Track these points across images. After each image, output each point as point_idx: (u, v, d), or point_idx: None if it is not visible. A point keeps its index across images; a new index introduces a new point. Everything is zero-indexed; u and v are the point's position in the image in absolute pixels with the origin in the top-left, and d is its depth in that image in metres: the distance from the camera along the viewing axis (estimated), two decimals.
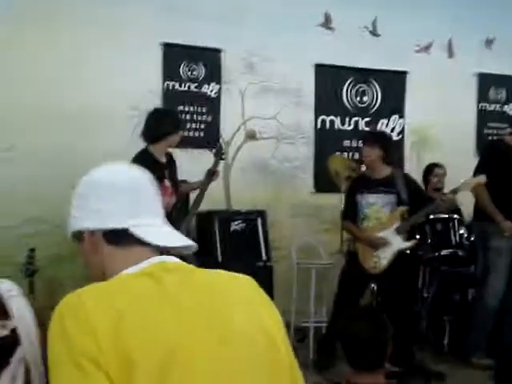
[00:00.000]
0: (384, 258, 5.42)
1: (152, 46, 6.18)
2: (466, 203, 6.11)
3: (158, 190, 1.66)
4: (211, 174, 5.18)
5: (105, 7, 5.93)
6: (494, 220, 5.54)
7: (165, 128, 4.93)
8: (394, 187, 5.47)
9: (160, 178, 4.90)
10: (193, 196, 5.38)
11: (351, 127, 7.12)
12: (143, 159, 4.68)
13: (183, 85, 6.38)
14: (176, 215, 5.06)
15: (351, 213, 5.58)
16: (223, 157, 5.39)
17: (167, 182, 4.95)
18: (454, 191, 5.44)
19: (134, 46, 6.04)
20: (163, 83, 6.31)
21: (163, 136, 4.92)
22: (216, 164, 5.23)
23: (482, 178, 5.39)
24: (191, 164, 5.85)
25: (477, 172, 5.61)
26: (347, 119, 7.11)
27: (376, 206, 5.48)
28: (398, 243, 5.45)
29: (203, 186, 5.18)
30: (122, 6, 5.99)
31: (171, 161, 5.12)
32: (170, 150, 5.14)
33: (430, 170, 6.68)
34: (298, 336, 6.11)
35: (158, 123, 4.95)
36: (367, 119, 7.19)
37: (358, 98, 7.16)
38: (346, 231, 5.67)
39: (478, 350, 5.58)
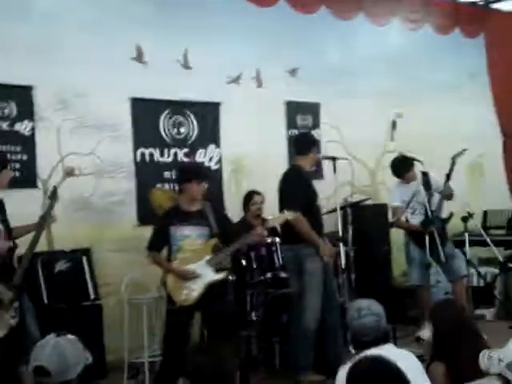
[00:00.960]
0: (194, 289, 5.40)
1: None
2: None
3: None
4: (47, 217, 5.02)
5: None
6: (306, 243, 5.80)
7: None
8: (206, 219, 5.56)
9: None
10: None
11: (170, 159, 7.20)
12: None
13: None
14: (10, 260, 4.85)
15: (158, 244, 5.50)
16: (56, 198, 5.20)
17: (0, 226, 4.74)
18: (265, 225, 5.66)
19: None
20: None
21: None
22: (51, 206, 5.06)
23: (290, 215, 5.61)
24: (12, 204, 5.59)
25: (286, 198, 5.88)
26: (166, 151, 7.18)
27: (190, 238, 5.50)
28: (209, 275, 5.49)
29: (39, 228, 5.00)
30: None
31: (1, 204, 4.91)
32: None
33: (249, 197, 6.92)
34: (131, 373, 6.04)
35: None
36: (186, 150, 7.31)
37: (176, 130, 7.26)
38: (152, 263, 5.57)
39: (305, 368, 5.81)
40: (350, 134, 8.38)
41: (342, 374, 2.99)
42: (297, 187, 5.92)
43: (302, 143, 6.23)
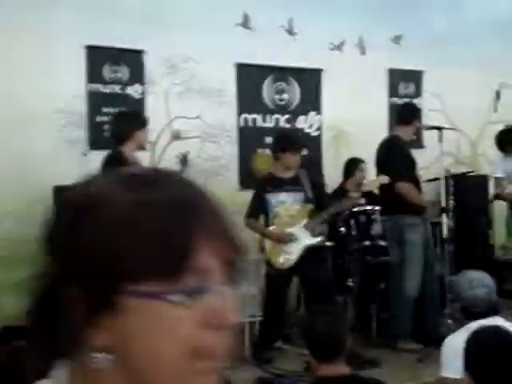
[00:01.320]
0: (292, 253, 5.57)
1: (75, 48, 6.13)
2: None
3: None
4: None
5: (27, 10, 5.84)
6: (408, 212, 5.81)
7: (130, 126, 4.97)
8: (302, 185, 5.66)
9: None
10: None
11: (272, 124, 7.30)
12: (114, 161, 4.74)
13: (107, 87, 6.37)
14: None
15: (256, 212, 5.67)
16: (187, 164, 5.43)
17: None
18: (360, 189, 5.71)
19: (57, 48, 5.98)
20: (87, 85, 6.27)
21: (133, 135, 4.93)
22: (182, 171, 5.31)
23: (385, 179, 5.65)
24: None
25: (382, 168, 5.90)
26: (268, 116, 7.28)
27: (287, 203, 5.63)
28: (307, 239, 5.62)
29: None
30: (45, 8, 5.91)
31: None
32: None
33: (355, 164, 6.91)
34: None
35: (125, 123, 5.01)
36: (287, 116, 7.39)
37: (278, 96, 7.34)
38: (250, 229, 5.69)
39: (403, 336, 5.87)
40: (453, 104, 8.24)
41: (454, 342, 3.05)
42: (394, 156, 5.92)
43: (405, 113, 6.20)
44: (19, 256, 5.57)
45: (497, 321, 3.28)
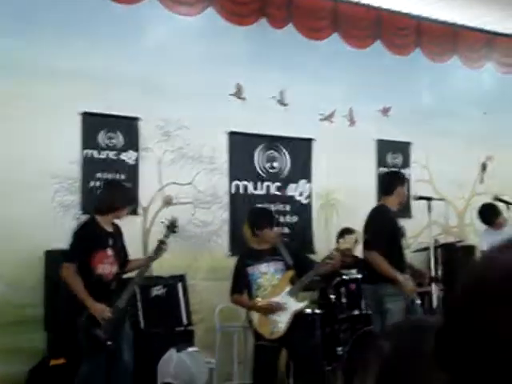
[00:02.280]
0: (281, 322, 5.58)
1: (71, 114, 6.25)
2: None
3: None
4: (161, 245, 5.31)
5: (25, 75, 5.98)
6: (387, 281, 5.71)
7: (116, 202, 5.13)
8: (280, 254, 5.76)
9: (103, 246, 5.00)
10: None
11: (263, 191, 7.41)
12: (88, 226, 4.93)
13: (102, 153, 6.47)
14: (116, 284, 5.12)
15: (239, 287, 5.74)
16: (176, 230, 5.49)
17: (109, 251, 5.05)
18: (336, 249, 5.79)
19: (53, 114, 6.10)
20: (82, 151, 6.37)
21: (113, 209, 5.05)
22: (167, 236, 5.36)
23: (358, 237, 5.77)
24: None
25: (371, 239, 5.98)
26: (259, 184, 7.39)
27: (268, 274, 5.71)
28: (293, 305, 5.67)
29: (152, 256, 5.33)
30: (42, 74, 6.05)
31: (117, 230, 5.23)
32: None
33: (344, 233, 6.98)
34: None
35: (110, 196, 5.15)
36: (278, 184, 7.51)
37: (269, 164, 7.47)
38: (236, 304, 5.86)
39: None
40: (440, 174, 8.41)
41: None
42: (372, 225, 5.98)
43: (389, 182, 6.28)
44: (6, 322, 5.58)
45: None
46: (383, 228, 5.90)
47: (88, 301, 4.89)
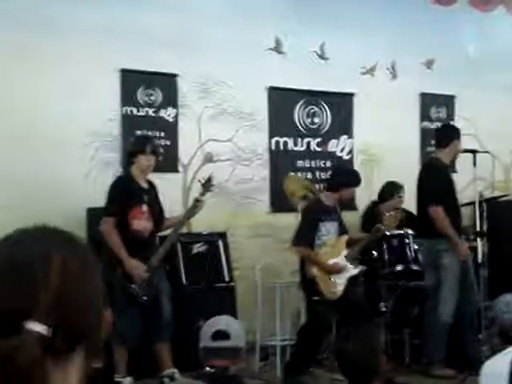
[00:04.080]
0: (339, 284, 5.56)
1: (110, 72, 6.21)
2: None
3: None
4: (197, 203, 5.29)
5: (63, 33, 5.95)
6: (444, 237, 5.71)
7: (133, 148, 5.22)
8: (339, 214, 5.69)
9: (138, 202, 4.99)
10: None
11: (303, 148, 7.31)
12: (123, 181, 4.99)
13: (141, 110, 6.44)
14: (152, 240, 5.13)
15: (308, 239, 5.52)
16: (211, 188, 5.45)
17: (144, 207, 5.04)
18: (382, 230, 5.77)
19: (92, 72, 6.07)
20: (121, 109, 6.34)
21: (132, 155, 5.12)
22: (203, 194, 5.32)
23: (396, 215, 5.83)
24: None
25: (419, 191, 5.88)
26: (299, 140, 7.30)
27: (331, 233, 5.61)
28: (350, 269, 5.64)
29: (188, 213, 5.31)
30: (81, 32, 6.01)
31: (152, 187, 5.22)
32: None
33: (396, 189, 6.81)
34: (261, 355, 6.21)
35: (130, 145, 5.35)
36: (318, 140, 7.40)
37: (309, 120, 7.36)
38: (302, 256, 5.65)
39: (438, 362, 5.77)
40: (485, 128, 8.19)
41: (494, 367, 2.99)
42: (428, 180, 5.87)
43: (445, 134, 6.15)
44: None
45: None
46: (438, 182, 5.81)
47: (123, 256, 4.91)
